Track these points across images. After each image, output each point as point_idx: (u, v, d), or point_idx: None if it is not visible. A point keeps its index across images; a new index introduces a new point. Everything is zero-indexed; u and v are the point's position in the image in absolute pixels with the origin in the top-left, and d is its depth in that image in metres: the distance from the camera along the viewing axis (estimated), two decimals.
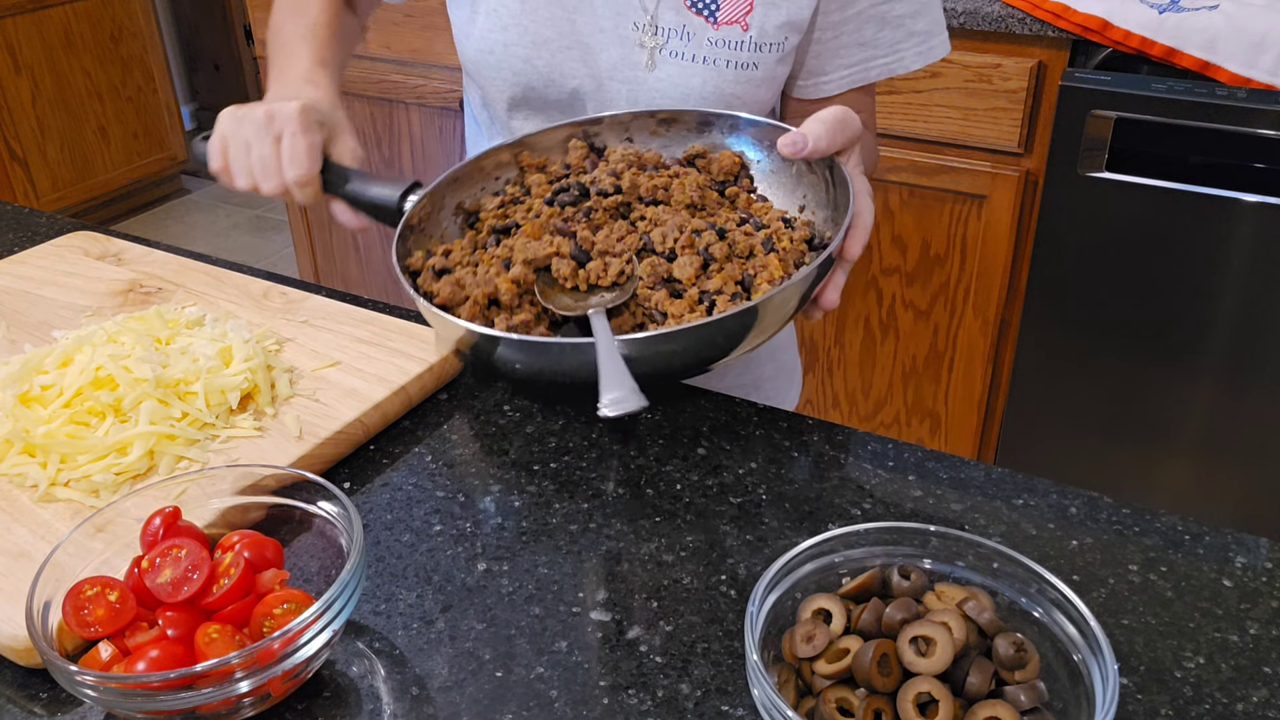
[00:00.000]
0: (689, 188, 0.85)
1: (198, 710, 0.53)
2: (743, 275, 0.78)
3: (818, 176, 0.86)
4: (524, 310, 0.77)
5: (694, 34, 0.92)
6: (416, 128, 2.36)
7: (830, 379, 2.13)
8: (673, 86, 0.93)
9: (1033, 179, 1.79)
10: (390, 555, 0.68)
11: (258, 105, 0.88)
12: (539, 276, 0.79)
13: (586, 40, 0.94)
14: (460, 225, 0.89)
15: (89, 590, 0.57)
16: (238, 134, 0.88)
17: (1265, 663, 0.59)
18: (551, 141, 0.92)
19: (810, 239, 0.83)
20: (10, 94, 3.22)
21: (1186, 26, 1.59)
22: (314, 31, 0.99)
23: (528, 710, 0.57)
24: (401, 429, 0.80)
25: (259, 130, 0.86)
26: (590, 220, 0.84)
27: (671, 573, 0.66)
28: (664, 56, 0.93)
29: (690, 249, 0.80)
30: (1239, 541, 0.68)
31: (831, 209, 0.85)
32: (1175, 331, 1.73)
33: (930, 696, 0.52)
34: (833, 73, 0.96)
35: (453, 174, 0.88)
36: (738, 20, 0.91)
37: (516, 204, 0.89)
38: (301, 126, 0.86)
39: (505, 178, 0.91)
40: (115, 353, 0.77)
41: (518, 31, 0.94)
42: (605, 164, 0.89)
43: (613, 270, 0.78)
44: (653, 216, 0.84)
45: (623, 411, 0.63)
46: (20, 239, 1.09)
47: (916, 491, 0.73)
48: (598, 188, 0.86)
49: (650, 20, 0.92)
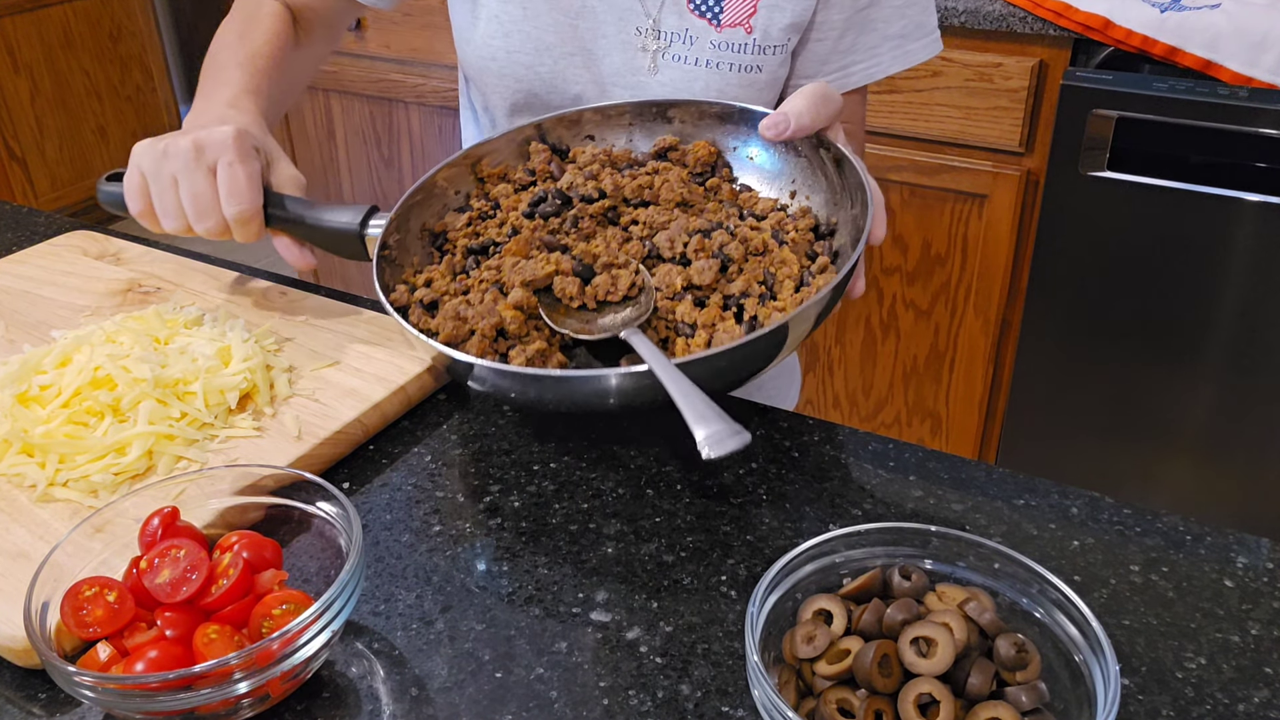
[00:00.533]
0: (675, 184, 0.81)
1: (196, 711, 0.53)
2: (764, 275, 0.74)
3: (805, 159, 0.81)
4: (535, 339, 0.72)
5: (697, 37, 0.91)
6: (416, 127, 2.36)
7: (831, 379, 2.12)
8: (675, 91, 0.93)
9: (1034, 178, 1.78)
10: (389, 555, 0.68)
11: (179, 135, 0.80)
12: (540, 297, 0.74)
13: (589, 46, 0.94)
14: (427, 249, 0.83)
15: (87, 591, 0.57)
16: (161, 170, 0.79)
17: (1266, 663, 0.59)
18: (504, 148, 0.87)
19: (816, 226, 0.79)
20: (9, 93, 3.22)
21: (1188, 26, 1.59)
22: (252, 60, 0.92)
23: (527, 711, 0.57)
24: (401, 429, 0.80)
25: (187, 163, 0.78)
26: (579, 230, 0.79)
27: (671, 573, 0.66)
28: (666, 61, 0.92)
29: (703, 252, 0.75)
30: (1240, 542, 0.68)
31: (829, 191, 0.80)
32: (1177, 331, 1.73)
33: (931, 697, 0.52)
34: (818, 79, 0.96)
35: (410, 195, 0.82)
36: (741, 23, 0.91)
37: (486, 219, 0.83)
38: (238, 154, 0.78)
39: (463, 192, 0.86)
40: (114, 352, 0.76)
41: (520, 38, 0.94)
42: (575, 166, 0.84)
43: (622, 284, 0.73)
44: (645, 219, 0.80)
45: (725, 452, 0.57)
46: (19, 238, 1.09)
47: (917, 492, 0.72)
48: (579, 193, 0.81)
49: (653, 25, 0.91)
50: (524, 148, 0.87)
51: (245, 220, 0.79)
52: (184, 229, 0.81)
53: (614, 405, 0.66)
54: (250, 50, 0.93)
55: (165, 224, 0.81)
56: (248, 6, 0.99)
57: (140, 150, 0.81)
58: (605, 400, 0.66)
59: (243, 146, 0.79)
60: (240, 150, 0.79)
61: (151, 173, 0.80)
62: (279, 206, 0.82)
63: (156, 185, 0.80)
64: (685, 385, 0.62)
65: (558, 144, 0.88)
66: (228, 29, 0.97)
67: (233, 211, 0.79)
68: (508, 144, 0.87)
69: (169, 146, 0.80)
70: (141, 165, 0.81)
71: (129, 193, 0.82)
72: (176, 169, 0.79)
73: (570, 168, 0.84)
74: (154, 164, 0.80)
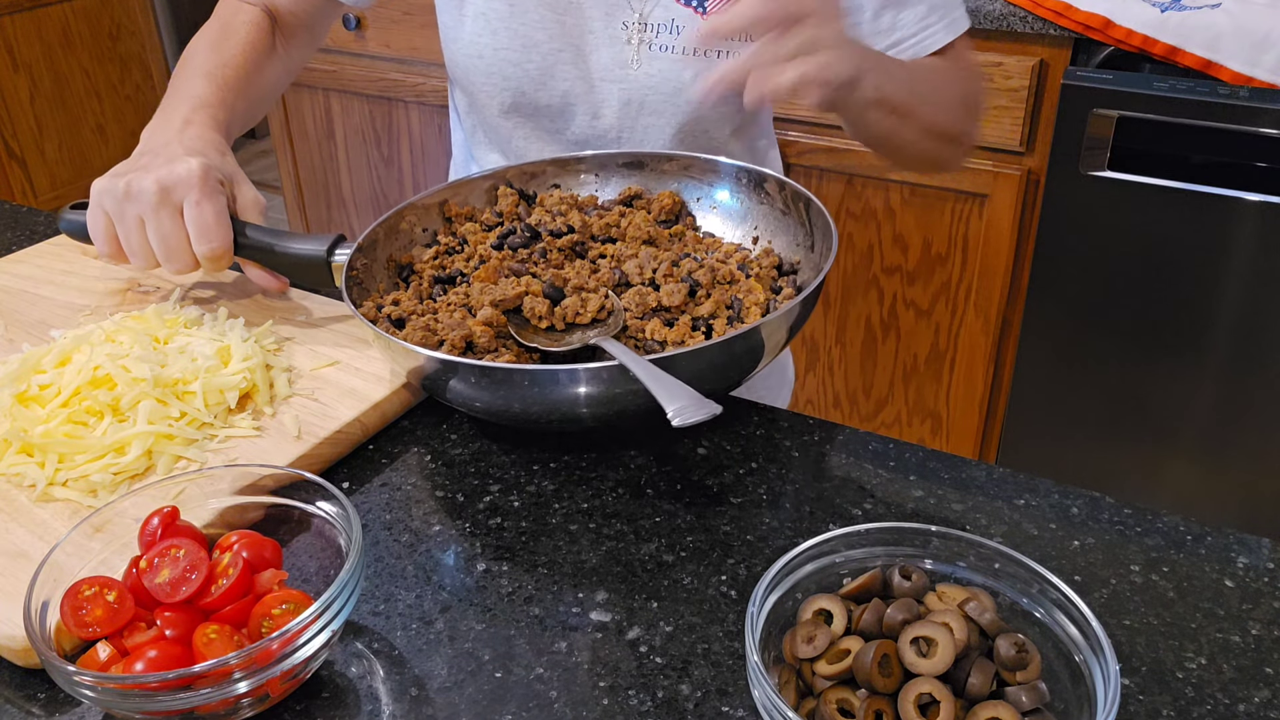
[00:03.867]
0: (640, 224, 0.83)
1: (196, 711, 0.53)
2: (731, 300, 0.76)
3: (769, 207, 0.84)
4: (504, 354, 0.73)
5: (683, 27, 0.91)
6: (415, 126, 2.36)
7: (831, 379, 2.12)
8: (664, 82, 0.92)
9: (1034, 178, 1.78)
10: (389, 555, 0.68)
11: (141, 173, 0.79)
12: (509, 319, 0.75)
13: (577, 42, 0.93)
14: (393, 279, 0.84)
15: (87, 590, 0.57)
16: (125, 212, 0.79)
17: (1267, 663, 0.59)
18: (470, 193, 0.89)
19: (779, 265, 0.82)
20: (8, 92, 3.22)
21: (1189, 25, 1.59)
22: (221, 70, 0.91)
23: (527, 711, 0.57)
24: (400, 429, 0.80)
25: (152, 205, 0.78)
26: (547, 260, 0.81)
27: (671, 573, 0.66)
28: (654, 52, 0.92)
29: (672, 278, 0.77)
30: (1241, 542, 0.68)
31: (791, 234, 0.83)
32: (1177, 331, 1.73)
33: (931, 697, 0.52)
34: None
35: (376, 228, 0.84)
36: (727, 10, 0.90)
37: (453, 254, 0.85)
38: (204, 192, 0.78)
39: (430, 230, 0.88)
40: (113, 352, 0.76)
41: (507, 35, 0.93)
42: (541, 208, 0.87)
43: (592, 305, 0.74)
44: (613, 253, 0.81)
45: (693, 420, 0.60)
46: (18, 238, 1.09)
47: (917, 491, 0.72)
48: (548, 229, 0.83)
49: (639, 18, 0.91)
50: (491, 194, 0.90)
51: (216, 258, 0.80)
52: (153, 267, 0.81)
53: (584, 406, 0.67)
54: (221, 60, 0.93)
55: (134, 263, 0.81)
56: (224, 14, 0.99)
57: (101, 189, 0.80)
58: (575, 400, 0.66)
59: (207, 183, 0.79)
60: (206, 188, 0.78)
61: (116, 214, 0.80)
62: (245, 237, 0.83)
63: (123, 227, 0.80)
64: (655, 371, 0.63)
65: (524, 190, 0.91)
66: (202, 37, 0.97)
67: (204, 250, 0.79)
68: (474, 189, 0.90)
69: (131, 187, 0.79)
70: (105, 205, 0.80)
71: (95, 235, 0.82)
72: (143, 210, 0.78)
73: (537, 209, 0.87)
74: (117, 206, 0.79)
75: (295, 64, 1.06)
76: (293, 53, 1.04)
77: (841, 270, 1.97)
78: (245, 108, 0.95)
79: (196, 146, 0.83)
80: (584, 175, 0.91)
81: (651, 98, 0.93)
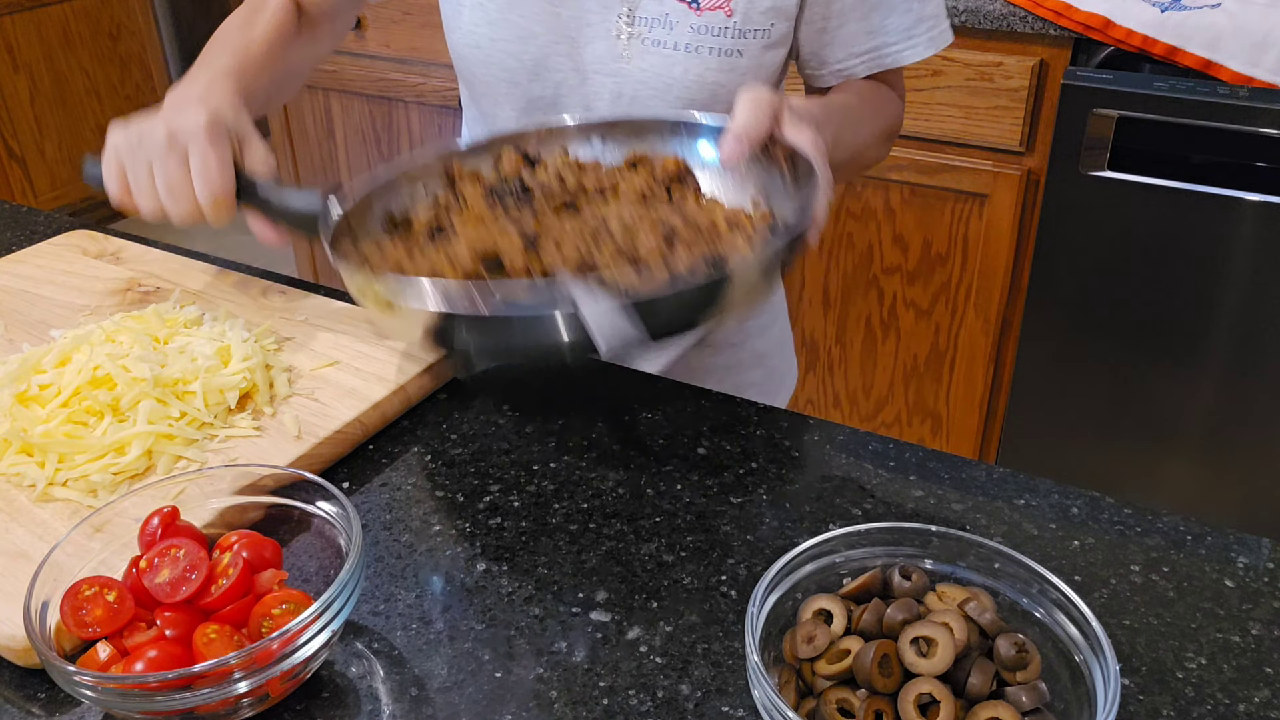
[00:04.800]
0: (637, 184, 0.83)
1: (196, 711, 0.53)
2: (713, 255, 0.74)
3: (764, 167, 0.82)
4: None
5: (676, 22, 0.91)
6: (416, 126, 2.36)
7: (831, 379, 2.12)
8: (655, 77, 0.93)
9: (1034, 178, 1.78)
10: (389, 555, 0.68)
11: (155, 121, 0.82)
12: (489, 270, 0.74)
13: (572, 34, 0.94)
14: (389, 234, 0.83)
15: (87, 590, 0.57)
16: (136, 156, 0.82)
17: (1267, 663, 0.59)
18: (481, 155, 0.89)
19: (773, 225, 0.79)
20: (8, 92, 3.22)
21: (1189, 25, 1.59)
22: (246, 48, 0.95)
23: (527, 711, 0.57)
24: (400, 428, 0.80)
25: (161, 150, 0.81)
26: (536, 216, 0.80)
27: (671, 573, 0.66)
28: (646, 46, 0.92)
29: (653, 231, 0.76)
30: (1241, 542, 0.68)
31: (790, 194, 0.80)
32: (1177, 331, 1.73)
33: (931, 697, 0.52)
34: (842, 60, 0.95)
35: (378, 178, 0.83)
36: (721, 6, 0.90)
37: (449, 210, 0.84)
38: (210, 140, 0.80)
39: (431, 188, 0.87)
40: (113, 352, 0.76)
41: (504, 25, 0.94)
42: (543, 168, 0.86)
43: (568, 251, 0.73)
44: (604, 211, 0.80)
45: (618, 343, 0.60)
46: (18, 238, 1.09)
47: (917, 491, 0.72)
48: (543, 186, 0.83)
49: (630, 11, 0.92)
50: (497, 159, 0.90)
51: (217, 204, 0.81)
52: (159, 212, 0.83)
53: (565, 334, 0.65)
54: (247, 39, 0.96)
55: (141, 206, 0.83)
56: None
57: (116, 135, 0.84)
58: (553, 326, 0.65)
59: (214, 132, 0.81)
60: (211, 136, 0.81)
61: (128, 158, 0.83)
62: (249, 188, 0.84)
63: (133, 171, 0.83)
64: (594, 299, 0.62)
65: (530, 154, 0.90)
66: (233, 18, 1.00)
67: (205, 195, 0.81)
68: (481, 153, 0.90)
69: (145, 133, 0.82)
70: (118, 149, 0.84)
71: (107, 177, 0.85)
72: (151, 155, 0.82)
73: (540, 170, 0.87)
74: (129, 150, 0.83)
75: (320, 52, 1.09)
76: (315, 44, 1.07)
77: (841, 270, 1.98)
78: (268, 83, 0.97)
79: (211, 103, 0.86)
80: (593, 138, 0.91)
81: (643, 92, 0.93)
